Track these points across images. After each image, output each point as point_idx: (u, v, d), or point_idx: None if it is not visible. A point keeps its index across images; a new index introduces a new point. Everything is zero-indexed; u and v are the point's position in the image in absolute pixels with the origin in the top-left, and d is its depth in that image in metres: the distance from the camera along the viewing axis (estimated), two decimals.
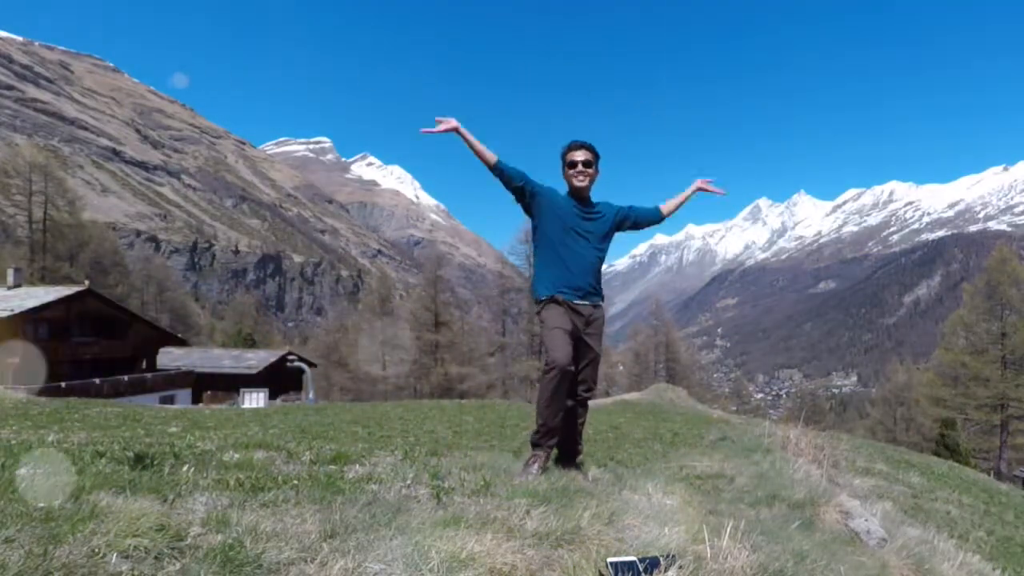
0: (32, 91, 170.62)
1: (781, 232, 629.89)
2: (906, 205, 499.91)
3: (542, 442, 3.34)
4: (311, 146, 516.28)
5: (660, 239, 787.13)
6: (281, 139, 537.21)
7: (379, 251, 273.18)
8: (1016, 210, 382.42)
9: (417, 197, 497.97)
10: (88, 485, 2.14)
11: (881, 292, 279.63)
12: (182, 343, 39.14)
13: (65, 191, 48.85)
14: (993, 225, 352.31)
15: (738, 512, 3.07)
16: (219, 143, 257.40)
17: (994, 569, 3.77)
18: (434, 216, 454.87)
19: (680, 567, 1.95)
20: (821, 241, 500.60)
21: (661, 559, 1.97)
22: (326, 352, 47.76)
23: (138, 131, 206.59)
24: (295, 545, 1.78)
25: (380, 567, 1.72)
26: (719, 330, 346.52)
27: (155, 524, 1.73)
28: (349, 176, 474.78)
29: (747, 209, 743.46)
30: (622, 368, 51.22)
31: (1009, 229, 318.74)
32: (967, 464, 24.29)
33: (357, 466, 3.23)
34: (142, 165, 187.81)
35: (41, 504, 1.89)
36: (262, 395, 29.43)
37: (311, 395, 31.68)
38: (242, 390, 30.44)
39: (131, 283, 57.94)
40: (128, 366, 31.55)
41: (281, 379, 36.03)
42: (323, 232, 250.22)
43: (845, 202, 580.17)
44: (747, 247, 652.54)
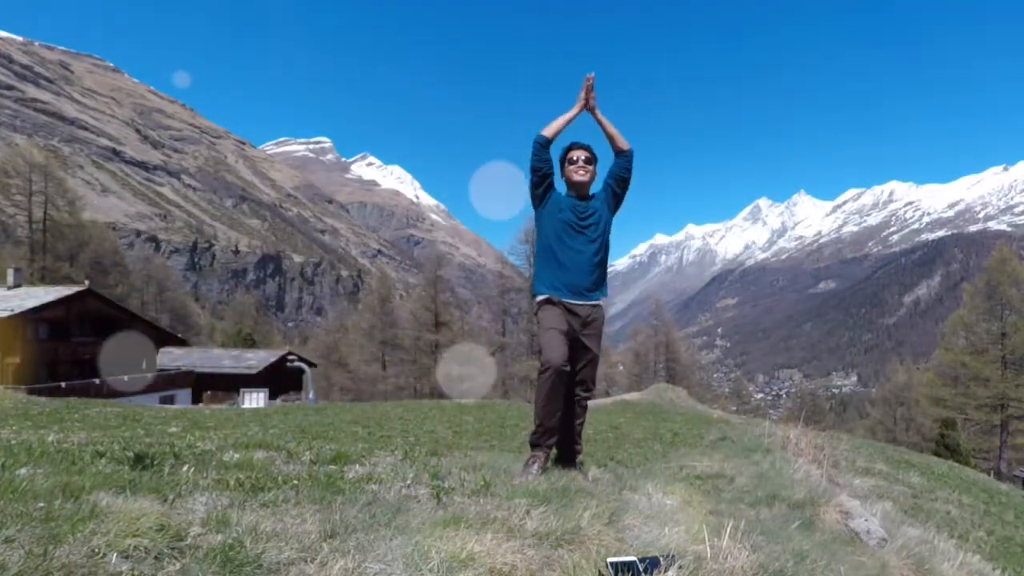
0: (32, 91, 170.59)
1: (781, 232, 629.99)
2: (906, 205, 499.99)
3: (541, 442, 3.34)
4: (311, 146, 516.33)
5: (660, 239, 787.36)
6: (281, 139, 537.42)
7: (379, 251, 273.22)
8: (1016, 210, 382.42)
9: (417, 197, 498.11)
10: (88, 485, 2.14)
11: (881, 292, 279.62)
12: (182, 343, 39.15)
13: (65, 191, 48.85)
14: (993, 225, 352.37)
15: (738, 512, 3.07)
16: (219, 143, 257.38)
17: (994, 569, 3.77)
18: (434, 216, 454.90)
19: (680, 567, 1.95)
20: (821, 241, 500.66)
21: (661, 559, 1.97)
22: (326, 352, 47.77)
23: (138, 131, 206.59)
24: (295, 545, 1.78)
25: (380, 567, 1.72)
26: (719, 330, 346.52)
27: (155, 524, 1.73)
28: (349, 176, 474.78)
29: (747, 209, 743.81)
30: (622, 368, 51.22)
31: (1009, 229, 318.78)
32: (967, 464, 24.28)
33: (357, 466, 3.23)
34: (142, 165, 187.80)
35: (41, 504, 1.89)
36: (262, 395, 29.42)
37: (311, 395, 31.69)
38: (242, 390, 30.43)
39: (131, 283, 57.93)
40: (128, 366, 31.53)
41: (281, 379, 36.03)
42: (323, 232, 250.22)
43: (845, 202, 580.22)
44: (747, 247, 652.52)
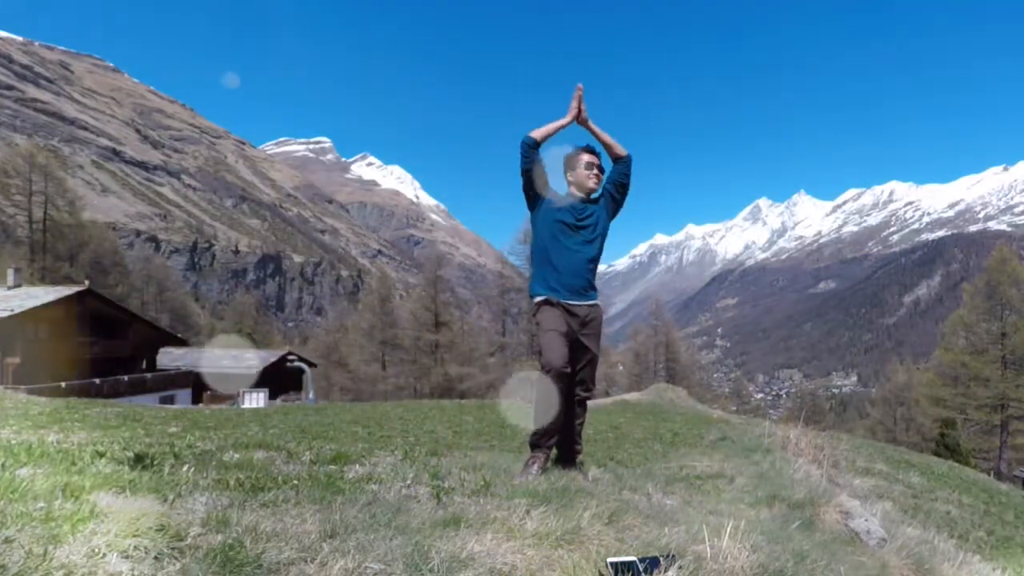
0: (32, 91, 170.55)
1: (781, 232, 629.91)
2: (906, 205, 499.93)
3: (541, 443, 3.34)
4: (311, 146, 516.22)
5: (660, 239, 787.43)
6: (281, 139, 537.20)
7: (379, 251, 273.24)
8: (1016, 210, 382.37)
9: (417, 197, 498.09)
10: (88, 485, 2.14)
11: (881, 292, 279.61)
12: (182, 343, 39.15)
13: (65, 191, 48.86)
14: (993, 225, 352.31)
15: (738, 512, 3.07)
16: (219, 143, 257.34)
17: (994, 569, 3.77)
18: (434, 216, 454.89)
19: (680, 567, 1.95)
20: (821, 241, 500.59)
21: (661, 559, 1.97)
22: (326, 352, 47.76)
23: (138, 131, 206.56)
24: (295, 545, 1.78)
25: (380, 567, 1.72)
26: (719, 330, 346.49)
27: (155, 524, 1.73)
28: (349, 176, 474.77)
29: (747, 209, 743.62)
30: (622, 368, 51.19)
31: (1009, 229, 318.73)
32: (967, 464, 24.27)
33: (357, 466, 3.23)
34: (142, 165, 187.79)
35: (41, 504, 1.89)
36: (262, 395, 29.42)
37: (311, 395, 31.70)
38: (242, 390, 30.43)
39: (131, 283, 57.93)
40: (128, 366, 31.56)
41: (281, 379, 36.03)
42: (323, 232, 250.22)
43: (845, 202, 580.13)
44: (747, 247, 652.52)
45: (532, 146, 3.39)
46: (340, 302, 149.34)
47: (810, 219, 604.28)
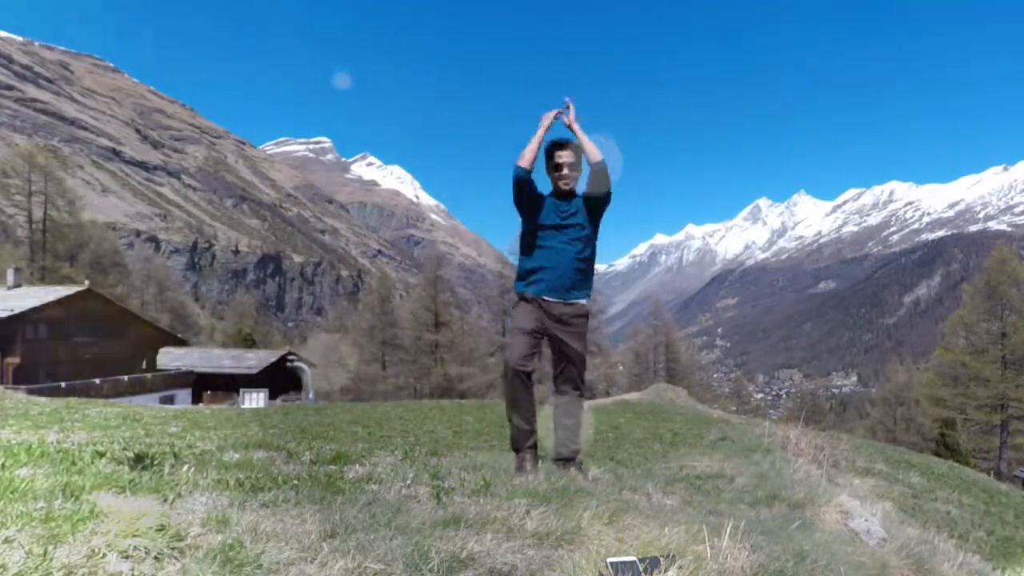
0: (32, 91, 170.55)
1: (781, 232, 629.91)
2: (906, 205, 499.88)
3: (521, 445, 3.33)
4: (311, 146, 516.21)
5: (660, 239, 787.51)
6: (281, 139, 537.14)
7: (379, 251, 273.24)
8: (1016, 210, 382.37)
9: (417, 197, 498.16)
10: (88, 485, 2.14)
11: (881, 292, 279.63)
12: (182, 343, 39.15)
13: (65, 191, 48.83)
14: (993, 225, 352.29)
15: (738, 512, 3.07)
16: (219, 143, 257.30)
17: (994, 569, 3.77)
18: (434, 216, 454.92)
19: (680, 567, 1.95)
20: (821, 241, 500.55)
21: (661, 559, 1.96)
22: (326, 352, 47.78)
23: (138, 131, 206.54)
24: (295, 545, 1.78)
25: (380, 567, 1.72)
26: (719, 330, 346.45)
27: (155, 524, 1.73)
28: (349, 176, 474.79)
29: (747, 209, 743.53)
30: (622, 368, 51.15)
31: (1009, 229, 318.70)
32: (967, 464, 24.27)
33: (357, 466, 3.23)
34: (142, 165, 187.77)
35: (41, 504, 1.89)
36: (262, 395, 29.42)
37: (311, 395, 31.69)
38: (242, 390, 30.43)
39: (131, 283, 57.89)
40: (128, 366, 31.56)
41: (281, 379, 36.02)
42: (323, 232, 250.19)
43: (845, 202, 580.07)
44: (747, 247, 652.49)
45: (526, 177, 3.29)
46: (340, 302, 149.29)
47: (810, 219, 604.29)
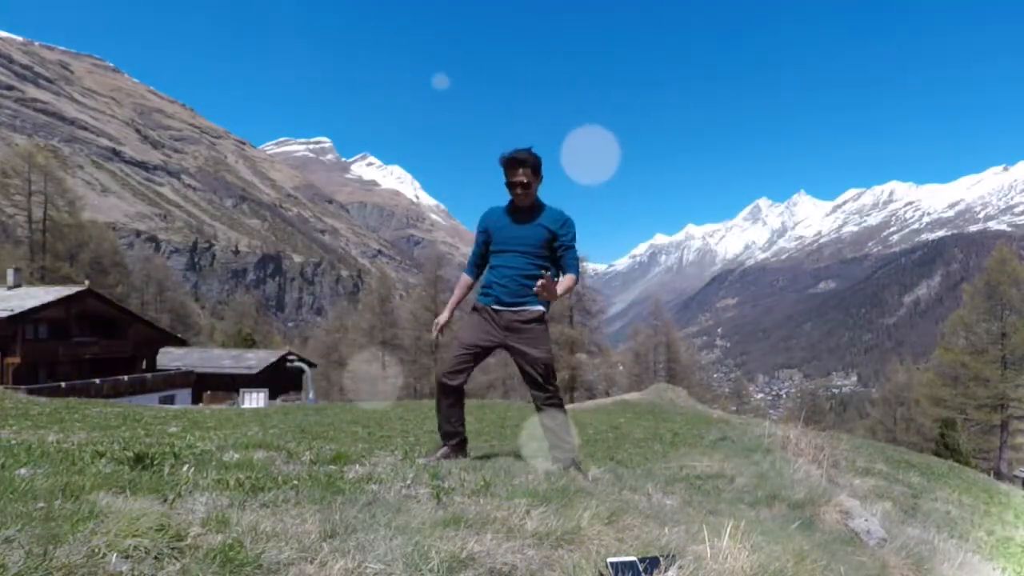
0: (32, 91, 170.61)
1: (781, 232, 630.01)
2: (906, 205, 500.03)
3: (445, 441, 3.61)
4: (311, 146, 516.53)
5: (660, 239, 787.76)
6: (281, 139, 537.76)
7: (379, 251, 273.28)
8: (1016, 210, 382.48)
9: (417, 197, 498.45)
10: (88, 485, 2.14)
11: (881, 292, 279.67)
12: (182, 343, 39.15)
13: (65, 191, 48.85)
14: (993, 225, 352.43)
15: (738, 512, 3.07)
16: (219, 143, 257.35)
17: (994, 569, 3.77)
18: (434, 216, 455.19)
19: (680, 567, 1.95)
20: (821, 241, 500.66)
21: (661, 559, 1.96)
22: (326, 352, 47.80)
23: (138, 131, 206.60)
24: (295, 545, 1.77)
25: (380, 567, 1.72)
26: (719, 330, 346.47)
27: (155, 524, 1.73)
28: (349, 176, 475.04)
29: (747, 209, 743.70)
30: (622, 368, 51.12)
31: (1009, 229, 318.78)
32: (967, 464, 24.27)
33: (357, 466, 3.22)
34: (142, 165, 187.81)
35: (41, 504, 1.89)
36: (262, 395, 29.42)
37: (311, 395, 31.68)
38: (242, 390, 30.43)
39: (131, 283, 57.91)
40: (128, 366, 31.56)
41: (281, 379, 36.02)
42: (323, 232, 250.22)
43: (845, 202, 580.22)
44: (747, 247, 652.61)
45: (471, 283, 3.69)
46: (340, 302, 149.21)
47: (810, 219, 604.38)
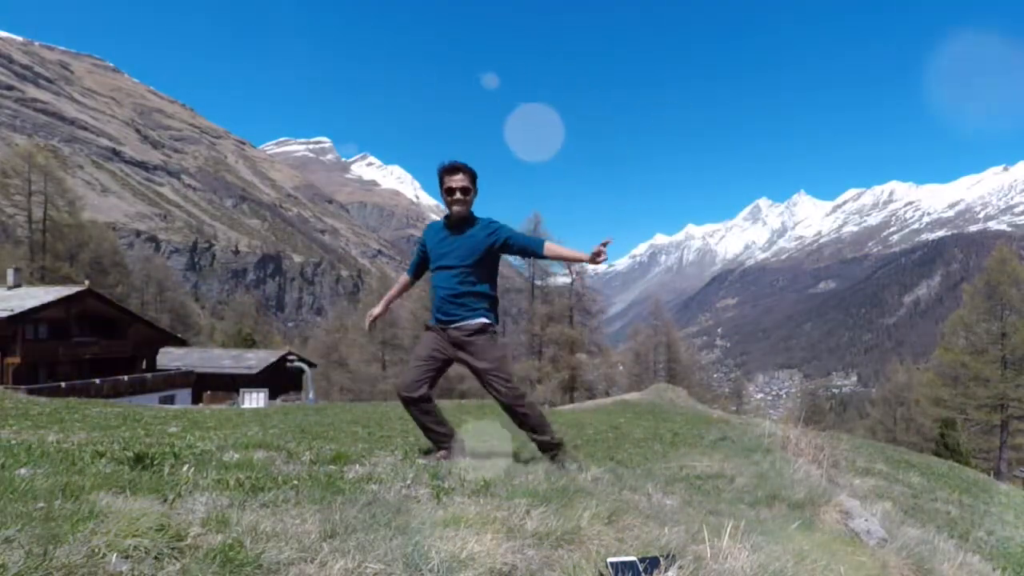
0: (32, 91, 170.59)
1: (781, 232, 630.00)
2: (906, 205, 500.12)
3: (439, 447, 3.67)
4: (311, 146, 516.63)
5: (660, 239, 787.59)
6: (281, 139, 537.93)
7: (379, 251, 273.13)
8: (1016, 210, 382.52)
9: (417, 197, 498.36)
10: (88, 485, 2.14)
11: (881, 292, 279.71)
12: (182, 343, 39.14)
13: (65, 191, 48.84)
14: (993, 225, 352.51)
15: (738, 512, 3.07)
16: (219, 143, 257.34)
17: (994, 569, 3.77)
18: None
19: (680, 567, 1.95)
20: (821, 241, 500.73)
21: (661, 559, 1.96)
22: (326, 352, 47.77)
23: (138, 131, 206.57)
24: (295, 545, 1.77)
25: (380, 567, 1.72)
26: (719, 330, 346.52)
27: (155, 524, 1.73)
28: (349, 176, 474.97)
29: (747, 209, 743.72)
30: (622, 368, 51.12)
31: (1009, 229, 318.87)
32: (967, 464, 24.26)
33: (357, 466, 3.22)
34: (142, 165, 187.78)
35: (41, 504, 1.89)
36: (262, 395, 29.43)
37: (311, 395, 31.67)
38: (242, 390, 30.43)
39: (131, 283, 57.92)
40: (128, 366, 31.56)
41: (281, 379, 36.01)
42: (323, 232, 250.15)
43: (845, 202, 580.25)
44: (747, 247, 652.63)
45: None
46: (340, 302, 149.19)
47: (810, 219, 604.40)
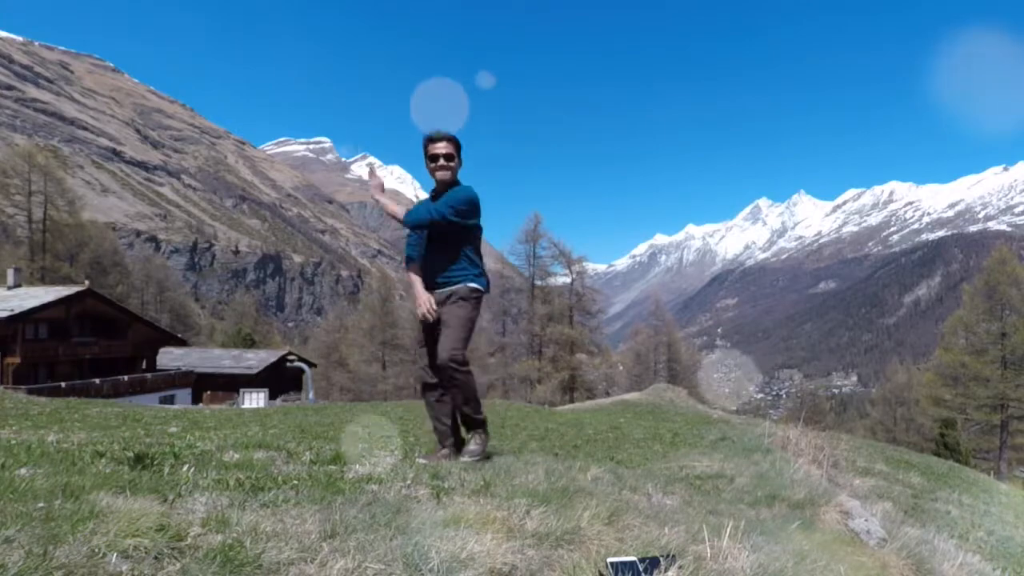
0: (32, 91, 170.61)
1: (781, 232, 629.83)
2: (906, 205, 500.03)
3: (441, 443, 3.75)
4: (311, 146, 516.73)
5: (660, 239, 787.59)
6: (281, 139, 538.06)
7: (379, 251, 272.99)
8: (1016, 210, 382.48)
9: (417, 197, 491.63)
10: (88, 485, 2.14)
11: (881, 292, 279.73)
12: (182, 343, 39.14)
13: (65, 191, 48.83)
14: (993, 225, 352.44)
15: (738, 512, 3.07)
16: (219, 143, 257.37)
17: (994, 569, 3.77)
18: None
19: (680, 567, 1.95)
20: (821, 241, 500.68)
21: (661, 559, 1.96)
22: (326, 352, 47.79)
23: (138, 131, 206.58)
24: (295, 545, 1.77)
25: (380, 567, 1.72)
26: (719, 330, 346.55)
27: (155, 524, 1.73)
28: (349, 176, 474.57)
29: (747, 209, 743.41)
30: (622, 368, 51.12)
31: (1009, 229, 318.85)
32: (967, 464, 24.25)
33: (357, 466, 3.22)
34: (142, 165, 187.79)
35: (41, 504, 1.89)
36: (262, 395, 29.44)
37: (311, 395, 31.69)
38: (242, 390, 30.44)
39: (131, 283, 57.90)
40: (128, 366, 31.56)
41: (281, 379, 36.02)
42: (323, 232, 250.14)
43: (845, 202, 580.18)
44: (747, 247, 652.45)
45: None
46: (340, 302, 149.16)
47: (810, 219, 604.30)
